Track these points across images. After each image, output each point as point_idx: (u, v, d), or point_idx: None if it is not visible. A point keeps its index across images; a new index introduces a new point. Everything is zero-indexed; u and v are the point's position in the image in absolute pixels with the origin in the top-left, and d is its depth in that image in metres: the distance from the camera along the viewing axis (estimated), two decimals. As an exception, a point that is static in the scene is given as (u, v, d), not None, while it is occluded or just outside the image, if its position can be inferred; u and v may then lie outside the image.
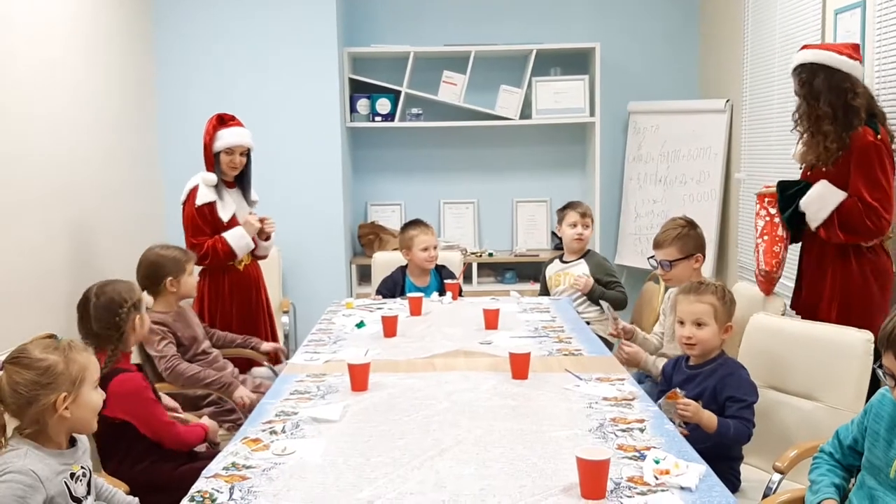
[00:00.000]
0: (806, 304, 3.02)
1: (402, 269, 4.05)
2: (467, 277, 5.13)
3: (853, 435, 1.94)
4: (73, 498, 1.80)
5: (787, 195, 2.95)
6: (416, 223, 3.98)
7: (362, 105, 5.17)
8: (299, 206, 4.84)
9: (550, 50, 5.13)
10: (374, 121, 5.20)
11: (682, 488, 1.70)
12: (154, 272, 3.15)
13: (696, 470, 1.77)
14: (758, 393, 2.45)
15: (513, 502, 1.66)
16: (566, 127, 5.36)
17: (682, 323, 2.58)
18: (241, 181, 3.86)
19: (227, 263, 3.73)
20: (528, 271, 5.33)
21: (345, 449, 1.98)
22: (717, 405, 2.41)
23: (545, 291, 4.17)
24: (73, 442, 1.89)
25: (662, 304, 3.50)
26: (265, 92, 4.81)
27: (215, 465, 1.89)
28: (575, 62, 5.26)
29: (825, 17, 3.46)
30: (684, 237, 3.28)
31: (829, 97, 2.79)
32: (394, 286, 3.98)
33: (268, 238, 3.90)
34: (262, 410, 2.29)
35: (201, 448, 2.69)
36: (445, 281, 3.93)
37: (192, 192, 3.69)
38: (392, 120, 5.19)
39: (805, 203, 2.87)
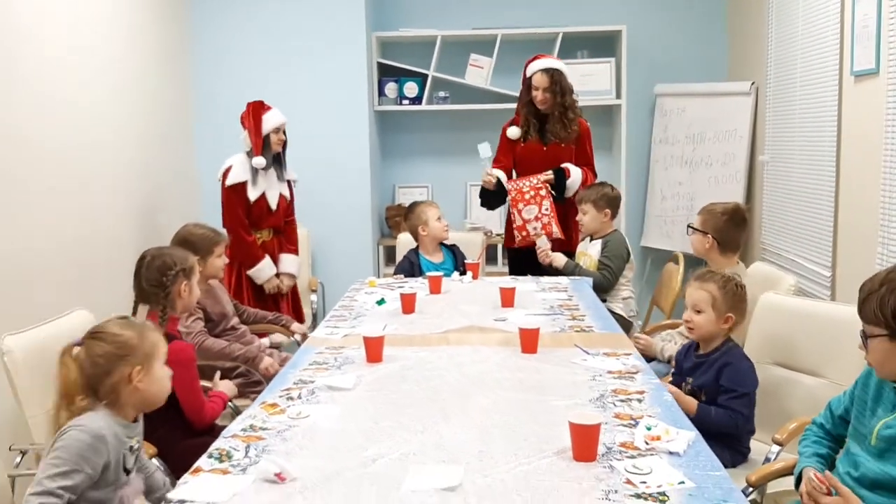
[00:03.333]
0: None
1: (415, 250, 4.16)
2: (492, 258, 5.22)
3: (844, 405, 2.00)
4: (124, 469, 1.93)
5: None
6: (418, 202, 4.19)
7: (390, 89, 5.27)
8: (328, 188, 4.97)
9: (577, 33, 5.17)
10: (401, 104, 5.29)
11: (670, 453, 1.78)
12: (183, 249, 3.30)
13: (685, 436, 1.85)
14: (755, 383, 2.50)
15: (508, 463, 1.76)
16: (592, 109, 5.36)
17: (686, 307, 2.66)
18: (277, 161, 4.09)
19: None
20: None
21: (355, 414, 2.10)
22: (717, 393, 2.48)
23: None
24: (135, 419, 2.02)
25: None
26: (296, 77, 4.94)
27: (234, 427, 2.02)
28: (601, 45, 5.29)
29: (844, 1, 3.46)
30: (716, 219, 3.32)
31: None
32: (410, 267, 4.10)
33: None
34: (282, 379, 2.42)
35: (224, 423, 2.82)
36: (466, 261, 4.03)
37: (226, 172, 3.88)
38: (419, 103, 5.28)
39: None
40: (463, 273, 3.94)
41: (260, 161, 3.93)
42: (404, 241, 4.45)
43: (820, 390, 2.55)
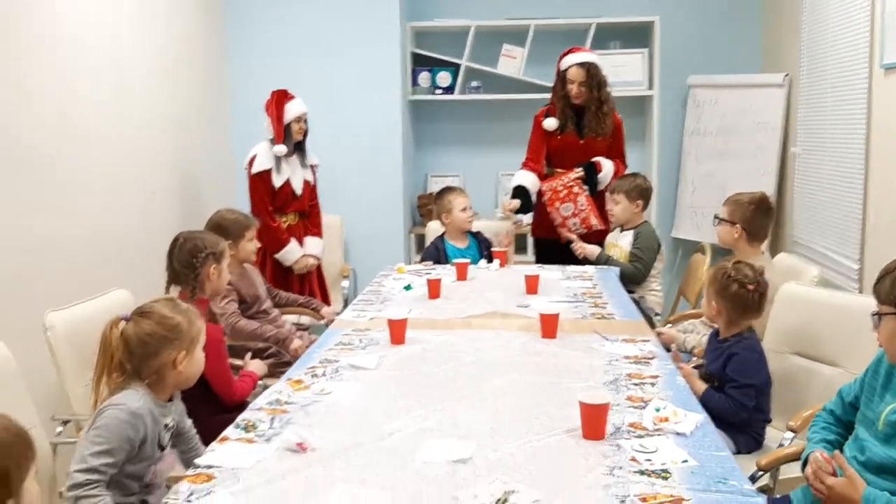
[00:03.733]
0: None
1: (441, 237, 4.24)
2: (523, 248, 5.27)
3: (854, 392, 2.04)
4: (159, 445, 2.02)
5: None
6: (449, 189, 4.24)
7: (423, 78, 5.34)
8: (361, 176, 5.07)
9: (610, 23, 5.18)
10: (434, 94, 5.36)
11: (677, 434, 1.84)
12: (216, 234, 3.42)
13: (693, 419, 1.90)
14: (762, 376, 2.53)
15: (518, 439, 1.83)
16: (624, 100, 5.35)
17: None
18: (299, 148, 4.21)
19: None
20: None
21: (376, 392, 2.19)
22: (724, 380, 2.53)
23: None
24: (170, 398, 2.09)
25: None
26: (330, 66, 5.03)
27: (261, 400, 2.12)
28: (634, 36, 5.30)
29: (876, -9, 3.44)
30: (743, 208, 3.31)
31: None
32: (437, 253, 4.18)
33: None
34: (308, 358, 2.52)
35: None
36: (493, 249, 4.09)
37: (252, 161, 4.01)
38: (452, 93, 5.34)
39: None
40: (490, 260, 4.00)
41: (281, 149, 4.05)
42: (433, 229, 4.53)
43: (838, 380, 2.55)
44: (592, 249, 4.08)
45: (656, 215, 5.23)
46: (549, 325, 2.67)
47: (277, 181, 4.07)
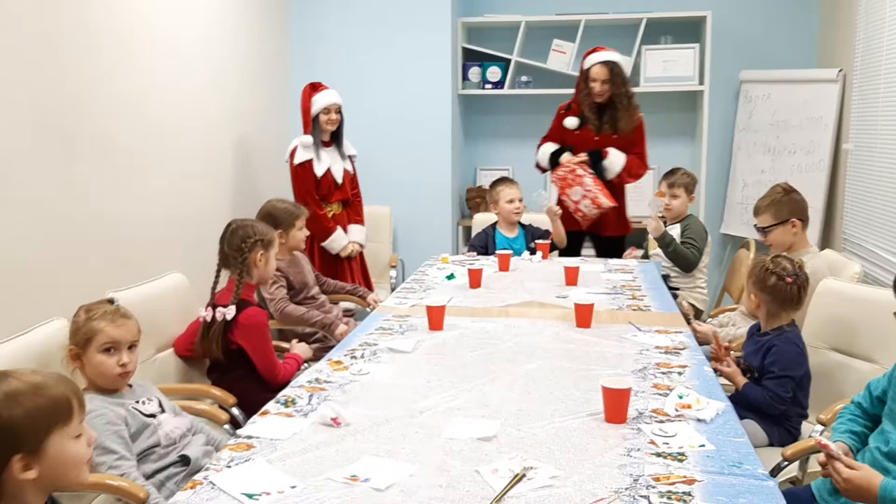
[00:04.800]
0: None
1: (493, 224, 4.32)
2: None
3: (882, 387, 2.05)
4: (146, 415, 2.15)
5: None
6: (502, 180, 4.32)
7: (474, 73, 5.42)
8: (412, 168, 5.18)
9: (661, 18, 5.18)
10: (484, 88, 5.43)
11: (698, 420, 1.88)
12: (267, 223, 3.56)
13: (715, 406, 1.94)
14: (800, 368, 2.54)
15: (542, 420, 1.90)
16: (675, 95, 5.39)
17: None
18: (336, 139, 4.31)
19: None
20: (633, 238, 5.41)
21: (411, 373, 2.28)
22: (763, 372, 2.56)
23: (646, 255, 4.36)
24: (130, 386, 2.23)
25: None
26: (384, 61, 5.15)
27: (301, 379, 2.24)
28: (686, 30, 5.28)
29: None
30: (778, 203, 3.28)
31: None
32: (485, 238, 4.29)
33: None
34: (349, 341, 2.63)
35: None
36: (536, 241, 4.15)
37: (292, 153, 4.14)
38: (502, 87, 5.41)
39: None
40: (533, 252, 4.07)
41: (307, 139, 4.16)
42: (480, 221, 4.61)
43: (873, 376, 2.53)
44: (657, 227, 4.04)
45: (704, 211, 5.21)
46: (583, 315, 2.73)
47: (319, 170, 4.18)
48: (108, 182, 3.26)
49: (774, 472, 2.21)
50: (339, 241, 4.27)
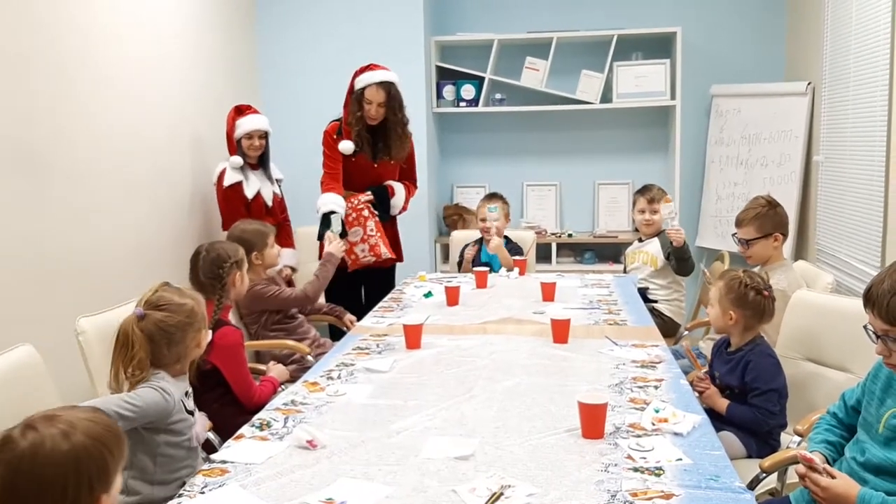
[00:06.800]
0: None
1: (481, 239, 4.39)
2: (546, 257, 5.33)
3: (856, 396, 2.06)
4: (187, 411, 2.16)
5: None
6: (486, 196, 4.37)
7: (448, 91, 5.44)
8: (387, 186, 5.16)
9: (632, 35, 5.24)
10: (459, 106, 5.46)
11: (675, 434, 1.89)
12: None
13: (691, 419, 1.94)
14: (781, 379, 2.55)
15: (520, 437, 1.90)
16: (647, 110, 5.44)
17: None
18: (262, 162, 4.23)
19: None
20: (608, 252, 5.48)
21: (387, 393, 2.27)
22: (744, 391, 2.55)
23: (625, 270, 4.37)
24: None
25: None
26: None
27: (277, 401, 2.22)
28: (656, 46, 5.34)
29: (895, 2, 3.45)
30: (763, 217, 3.26)
31: None
32: (475, 249, 4.35)
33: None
34: (325, 362, 2.61)
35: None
36: (514, 257, 4.16)
37: (221, 175, 4.10)
38: (476, 105, 5.43)
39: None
40: (510, 269, 4.07)
41: (236, 161, 4.05)
42: (457, 239, 4.62)
43: (847, 385, 2.56)
44: (683, 236, 3.96)
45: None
46: (560, 331, 2.73)
47: (249, 192, 4.10)
48: (69, 208, 3.21)
49: (753, 484, 2.22)
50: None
